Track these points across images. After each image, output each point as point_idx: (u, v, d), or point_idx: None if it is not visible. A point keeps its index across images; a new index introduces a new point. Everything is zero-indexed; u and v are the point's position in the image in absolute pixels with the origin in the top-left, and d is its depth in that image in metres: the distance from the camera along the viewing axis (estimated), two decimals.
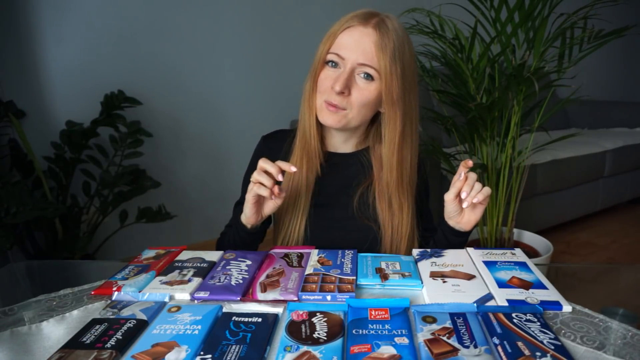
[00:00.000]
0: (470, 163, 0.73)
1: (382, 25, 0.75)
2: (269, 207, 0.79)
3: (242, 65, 2.25)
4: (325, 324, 0.52)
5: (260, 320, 0.54)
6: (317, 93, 0.81)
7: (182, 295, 0.61)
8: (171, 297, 0.61)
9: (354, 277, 0.63)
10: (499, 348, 0.47)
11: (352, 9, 0.80)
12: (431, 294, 0.59)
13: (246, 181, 0.93)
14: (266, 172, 0.72)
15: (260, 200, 0.77)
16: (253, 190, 0.73)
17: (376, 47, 0.74)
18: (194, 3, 2.06)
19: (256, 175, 0.72)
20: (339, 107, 0.78)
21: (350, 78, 0.76)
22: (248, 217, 0.78)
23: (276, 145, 0.90)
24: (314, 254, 0.72)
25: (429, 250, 0.73)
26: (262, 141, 0.95)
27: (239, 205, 0.92)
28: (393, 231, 0.85)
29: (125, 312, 0.57)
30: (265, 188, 0.72)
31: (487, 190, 0.73)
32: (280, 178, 0.71)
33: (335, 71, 0.78)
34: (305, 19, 2.32)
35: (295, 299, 0.59)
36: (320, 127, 0.86)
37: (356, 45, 0.75)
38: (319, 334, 0.50)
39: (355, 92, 0.77)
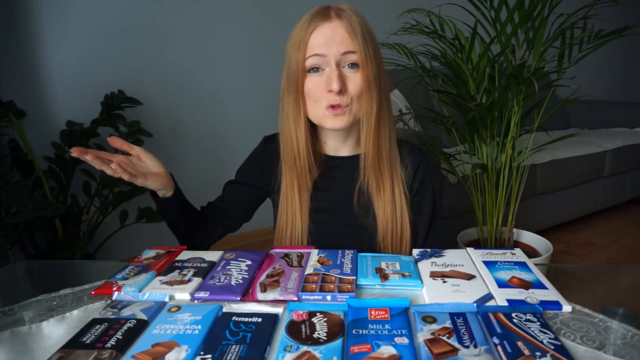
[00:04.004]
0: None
1: (343, 13, 0.76)
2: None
3: (243, 65, 2.25)
4: (325, 324, 0.52)
5: (260, 320, 0.54)
6: (312, 103, 0.79)
7: (182, 295, 0.61)
8: (171, 297, 0.61)
9: (354, 277, 0.63)
10: (499, 348, 0.47)
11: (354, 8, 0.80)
12: (431, 294, 0.59)
13: (239, 173, 0.96)
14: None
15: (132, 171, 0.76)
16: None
17: (348, 33, 0.75)
18: (195, 3, 2.06)
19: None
20: (342, 106, 0.77)
21: (341, 73, 0.76)
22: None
23: (276, 148, 0.89)
24: (314, 254, 0.72)
25: (429, 250, 0.73)
26: (262, 142, 0.95)
27: (228, 185, 0.96)
28: (382, 217, 0.85)
29: (126, 312, 0.57)
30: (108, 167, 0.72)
31: None
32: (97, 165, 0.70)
33: (320, 75, 0.77)
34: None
35: (295, 299, 0.59)
36: (314, 134, 0.86)
37: (331, 39, 0.75)
38: (319, 334, 0.50)
39: (351, 85, 0.76)
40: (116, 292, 0.62)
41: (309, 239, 0.86)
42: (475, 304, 0.56)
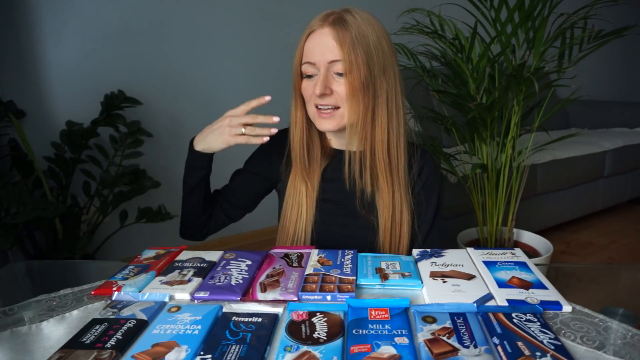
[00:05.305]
0: None
1: (339, 20, 0.77)
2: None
3: (243, 65, 2.25)
4: (325, 324, 0.52)
5: (260, 320, 0.54)
6: (306, 103, 0.84)
7: (182, 295, 0.61)
8: (171, 297, 0.61)
9: (354, 277, 0.63)
10: (499, 348, 0.47)
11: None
12: (431, 294, 0.59)
13: (248, 162, 0.99)
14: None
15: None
16: (240, 132, 0.84)
17: (336, 41, 0.76)
18: (194, 3, 2.06)
19: (245, 120, 0.84)
20: (331, 107, 0.80)
21: (327, 79, 0.79)
22: (213, 149, 0.89)
23: (283, 142, 0.90)
24: (314, 254, 0.72)
25: (429, 250, 0.73)
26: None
27: (236, 173, 0.98)
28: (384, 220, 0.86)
29: (125, 312, 0.57)
30: (257, 137, 0.82)
31: None
32: (276, 120, 0.81)
33: (312, 79, 0.81)
34: (306, 17, 2.32)
35: (295, 299, 0.59)
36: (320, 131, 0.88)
37: (320, 47, 0.78)
38: (319, 334, 0.50)
39: (337, 89, 0.79)
40: (116, 292, 0.62)
41: (314, 229, 0.87)
42: (475, 304, 0.56)
